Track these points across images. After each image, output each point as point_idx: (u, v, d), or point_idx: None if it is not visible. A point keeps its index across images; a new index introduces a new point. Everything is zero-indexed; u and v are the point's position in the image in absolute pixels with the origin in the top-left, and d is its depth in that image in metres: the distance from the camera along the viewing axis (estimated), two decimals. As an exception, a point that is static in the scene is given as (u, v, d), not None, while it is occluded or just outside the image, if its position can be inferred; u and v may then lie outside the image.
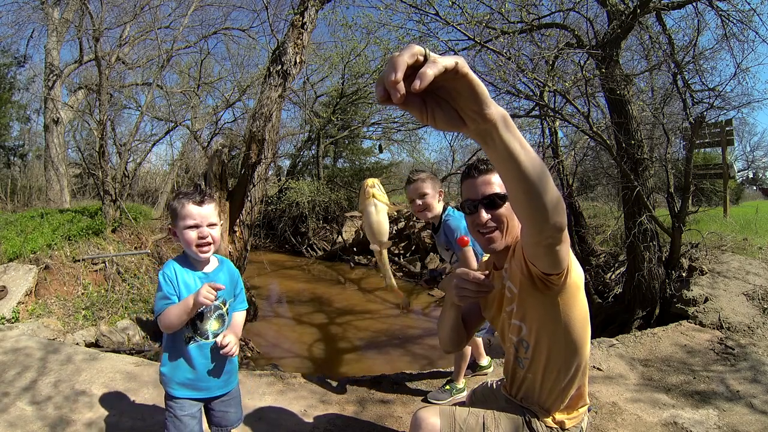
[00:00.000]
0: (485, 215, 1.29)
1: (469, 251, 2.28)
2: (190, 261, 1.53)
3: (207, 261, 1.56)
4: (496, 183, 1.29)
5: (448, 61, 0.59)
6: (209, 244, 1.50)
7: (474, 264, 2.27)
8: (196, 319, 1.49)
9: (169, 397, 1.53)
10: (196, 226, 1.47)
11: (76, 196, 12.76)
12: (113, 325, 4.45)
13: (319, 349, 5.03)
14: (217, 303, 1.53)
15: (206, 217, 1.49)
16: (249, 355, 4.40)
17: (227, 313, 1.57)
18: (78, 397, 2.36)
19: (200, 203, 1.48)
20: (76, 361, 2.75)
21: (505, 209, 1.28)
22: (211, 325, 1.52)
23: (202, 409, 1.58)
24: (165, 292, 1.45)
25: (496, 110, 0.69)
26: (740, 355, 3.11)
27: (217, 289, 1.41)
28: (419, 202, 2.36)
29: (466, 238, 2.26)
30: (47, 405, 2.28)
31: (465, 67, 0.61)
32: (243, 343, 4.43)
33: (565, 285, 1.14)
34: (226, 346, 1.48)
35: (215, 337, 1.52)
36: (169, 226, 1.54)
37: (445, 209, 2.42)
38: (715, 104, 4.42)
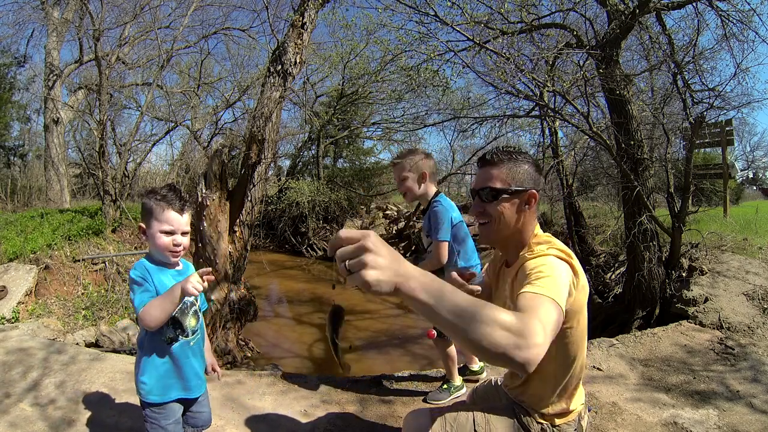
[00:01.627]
0: (476, 206, 1.30)
1: (443, 246, 2.28)
2: (158, 260, 1.53)
3: (176, 263, 1.58)
4: (495, 177, 1.26)
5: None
6: (181, 250, 1.51)
7: (443, 260, 2.28)
8: (177, 317, 1.50)
9: (149, 405, 1.49)
10: (172, 233, 1.47)
11: (76, 196, 12.76)
12: (113, 325, 4.45)
13: (319, 349, 5.03)
14: (191, 300, 1.55)
15: (183, 225, 1.49)
16: (249, 355, 4.40)
17: (200, 310, 1.62)
18: (79, 397, 2.36)
19: (180, 211, 1.48)
20: (77, 362, 2.75)
21: (498, 207, 1.25)
22: (190, 322, 1.54)
23: None
24: (145, 287, 1.43)
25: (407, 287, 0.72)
26: (740, 355, 3.11)
27: (204, 275, 1.41)
28: (401, 184, 2.41)
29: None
30: (49, 405, 2.28)
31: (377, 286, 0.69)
32: (243, 343, 4.43)
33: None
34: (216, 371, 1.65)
35: (193, 334, 1.55)
36: (141, 224, 1.51)
37: (437, 194, 2.41)
38: (715, 104, 4.41)
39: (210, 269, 1.46)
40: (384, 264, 0.70)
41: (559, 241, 1.25)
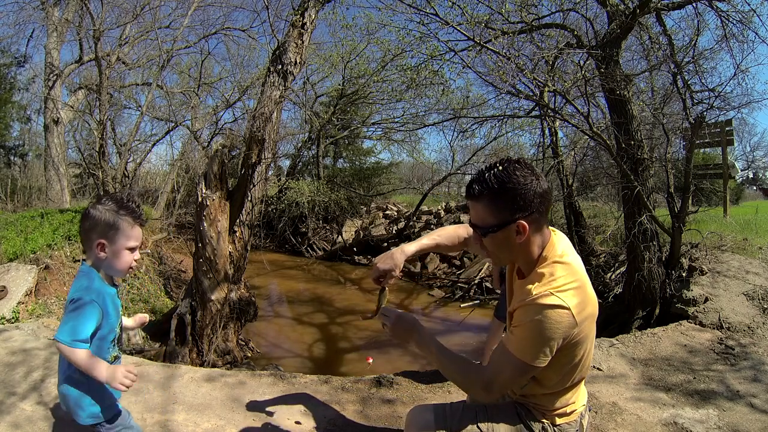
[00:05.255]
0: (475, 240, 1.29)
1: None
2: (103, 275, 1.39)
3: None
4: (478, 212, 1.22)
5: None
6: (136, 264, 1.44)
7: None
8: (120, 333, 1.45)
9: (106, 422, 1.41)
10: (135, 249, 1.38)
11: (76, 196, 12.73)
12: (113, 325, 4.44)
13: (319, 349, 5.03)
14: (121, 313, 1.50)
15: (141, 238, 1.41)
16: (249, 355, 4.40)
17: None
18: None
19: (142, 224, 1.40)
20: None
21: (490, 240, 1.22)
22: (124, 336, 1.52)
23: None
24: (87, 328, 1.27)
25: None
26: (740, 354, 3.12)
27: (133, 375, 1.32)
28: None
29: None
30: (51, 405, 2.28)
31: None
32: (243, 343, 4.43)
33: (560, 348, 1.16)
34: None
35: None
36: (101, 240, 1.32)
37: None
38: (714, 104, 4.41)
39: (135, 377, 1.34)
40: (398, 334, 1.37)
41: (564, 271, 1.18)
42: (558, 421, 1.28)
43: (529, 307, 1.14)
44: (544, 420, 1.29)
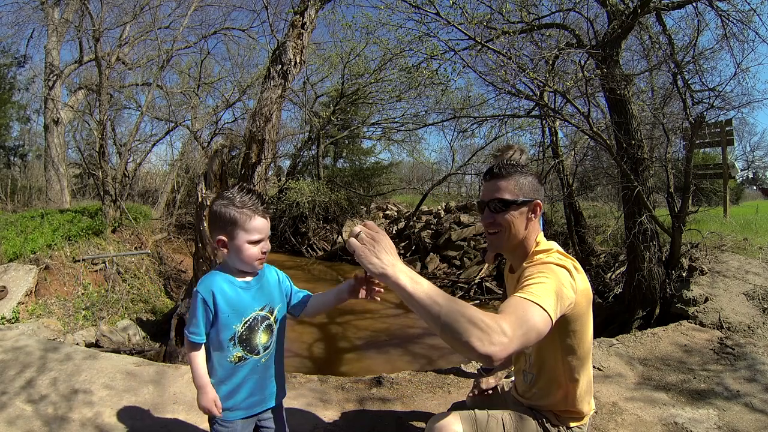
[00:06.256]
0: (486, 218, 1.33)
1: None
2: (233, 270, 1.38)
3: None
4: (503, 189, 1.31)
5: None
6: (266, 256, 1.39)
7: None
8: (246, 333, 1.37)
9: (215, 420, 1.40)
10: (260, 241, 1.34)
11: (76, 196, 12.74)
12: (113, 325, 4.45)
13: (319, 349, 5.04)
14: (263, 313, 1.40)
15: (268, 229, 1.36)
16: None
17: (275, 322, 1.45)
18: (78, 396, 2.36)
19: (265, 215, 1.34)
20: (75, 360, 2.74)
21: (508, 216, 1.30)
22: (261, 338, 1.41)
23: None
24: (197, 320, 1.32)
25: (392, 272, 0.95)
26: (740, 354, 3.11)
27: (217, 407, 1.35)
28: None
29: None
30: (46, 404, 2.28)
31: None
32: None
33: (560, 321, 1.16)
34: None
35: (265, 351, 1.42)
36: (220, 237, 1.32)
37: None
38: (715, 104, 4.41)
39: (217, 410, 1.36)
40: (382, 256, 0.98)
41: (559, 247, 1.32)
42: (571, 424, 1.33)
43: (534, 265, 1.22)
44: (558, 423, 1.34)
